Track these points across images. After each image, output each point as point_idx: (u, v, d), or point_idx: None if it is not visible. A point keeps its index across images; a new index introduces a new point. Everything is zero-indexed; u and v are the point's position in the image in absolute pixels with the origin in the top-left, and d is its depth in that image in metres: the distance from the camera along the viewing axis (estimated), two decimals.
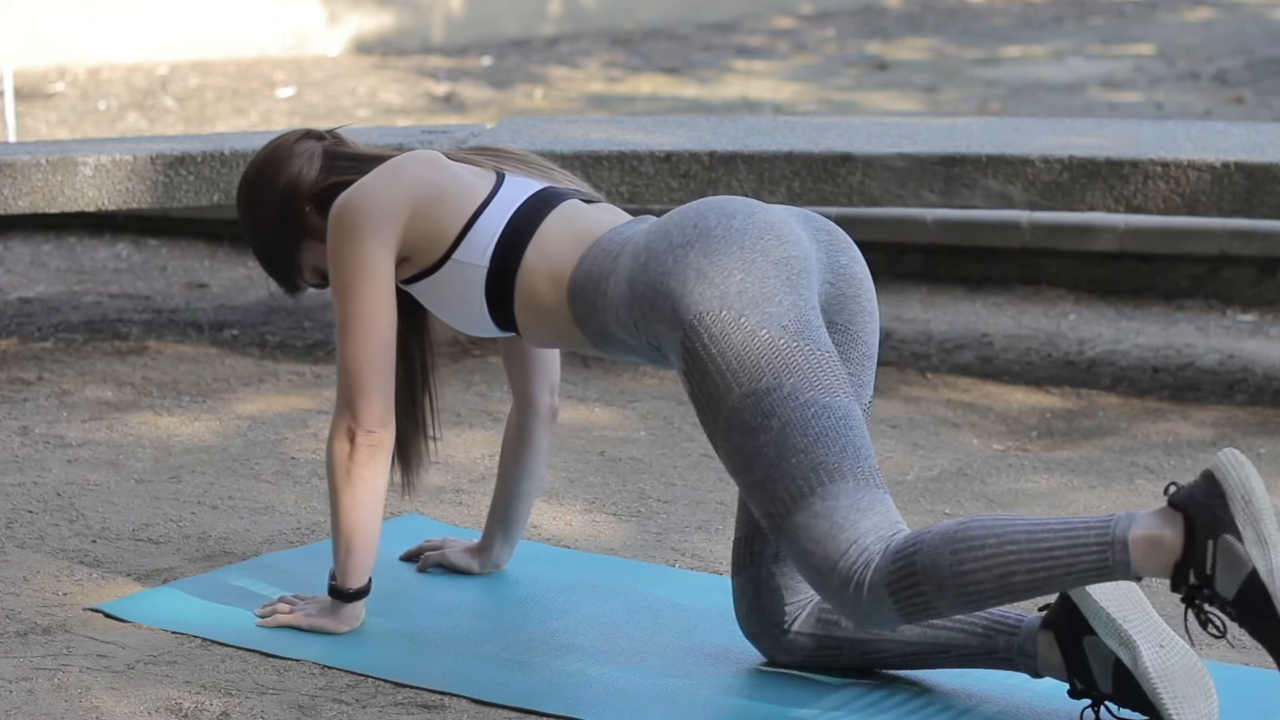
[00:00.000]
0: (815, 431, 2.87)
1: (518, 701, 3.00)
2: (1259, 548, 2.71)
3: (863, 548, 2.85)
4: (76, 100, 9.33)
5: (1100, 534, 2.76)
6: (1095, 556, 2.75)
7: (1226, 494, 2.73)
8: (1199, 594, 2.76)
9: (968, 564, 2.80)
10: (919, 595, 2.83)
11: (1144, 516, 2.77)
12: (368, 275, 3.18)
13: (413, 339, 3.39)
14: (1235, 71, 10.20)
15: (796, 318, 2.94)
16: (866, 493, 2.88)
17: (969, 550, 2.80)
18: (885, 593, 2.84)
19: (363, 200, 3.21)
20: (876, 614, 2.88)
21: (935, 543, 2.82)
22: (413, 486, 3.47)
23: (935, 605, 2.83)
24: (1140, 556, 2.75)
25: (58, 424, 4.46)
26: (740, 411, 2.90)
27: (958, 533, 2.82)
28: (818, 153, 4.76)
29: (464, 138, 5.01)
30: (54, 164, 4.79)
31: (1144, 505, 4.05)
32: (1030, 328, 5.58)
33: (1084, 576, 2.78)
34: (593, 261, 3.13)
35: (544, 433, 3.53)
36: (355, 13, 11.47)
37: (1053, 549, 2.77)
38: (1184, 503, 2.76)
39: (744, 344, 2.91)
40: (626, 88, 10.06)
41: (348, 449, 3.19)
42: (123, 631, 3.25)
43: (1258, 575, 2.71)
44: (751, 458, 2.91)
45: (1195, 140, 4.85)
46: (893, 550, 2.84)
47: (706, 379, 2.93)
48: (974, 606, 2.84)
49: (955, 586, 2.81)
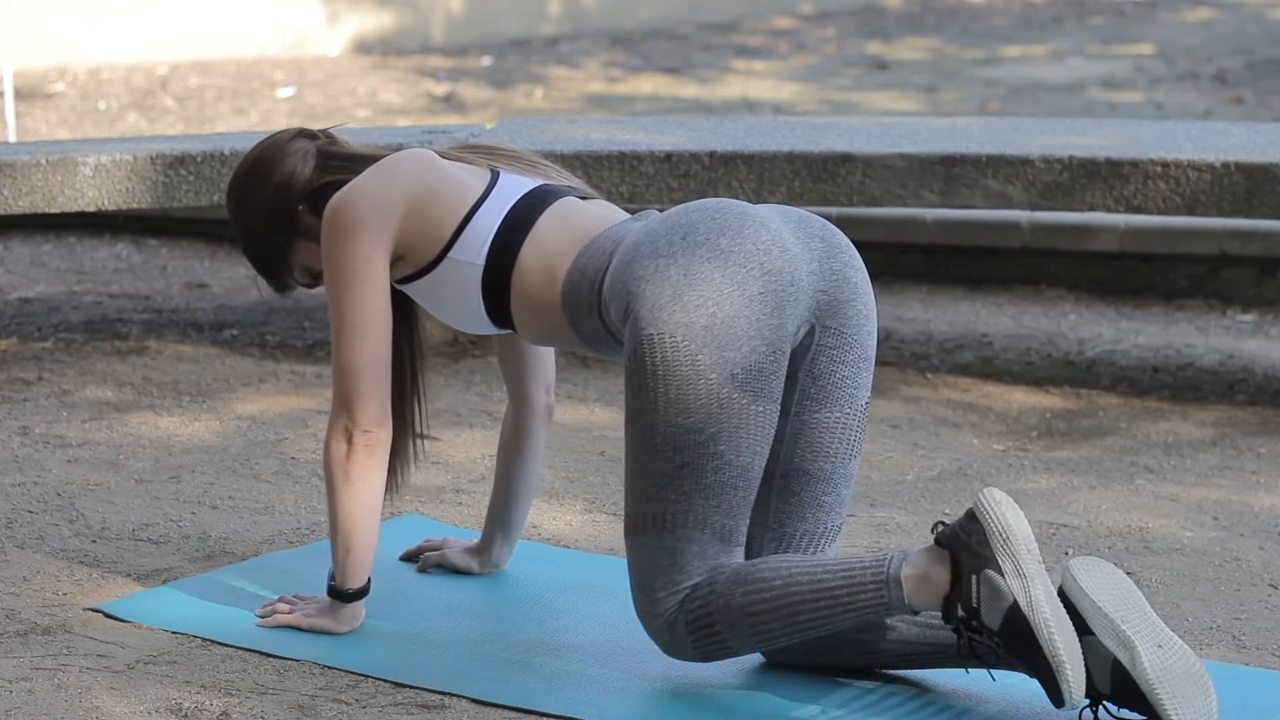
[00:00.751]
0: (705, 483, 2.99)
1: (518, 701, 3.00)
2: (1018, 580, 2.85)
3: (684, 590, 3.01)
4: (76, 100, 9.33)
5: (875, 573, 2.93)
6: (872, 594, 2.93)
7: (986, 531, 2.88)
8: (968, 625, 2.90)
9: (756, 605, 2.97)
10: (714, 636, 3.01)
11: (915, 555, 2.93)
12: (363, 276, 3.18)
13: (403, 338, 3.39)
14: (1235, 71, 10.20)
15: (750, 366, 2.97)
16: (717, 548, 3.02)
17: (758, 593, 2.97)
18: (685, 631, 3.02)
19: (357, 200, 3.21)
20: (676, 648, 3.06)
21: (728, 585, 2.99)
22: (399, 486, 3.47)
23: (730, 644, 3.02)
24: (912, 592, 2.92)
25: (58, 424, 4.47)
26: (655, 430, 2.98)
27: (748, 575, 2.99)
28: (818, 153, 4.76)
29: (464, 138, 5.01)
30: (54, 164, 4.79)
31: (1144, 505, 4.05)
32: (1030, 328, 5.58)
33: (863, 613, 2.95)
34: (588, 260, 3.13)
35: (541, 431, 3.53)
36: (355, 13, 11.47)
37: (834, 589, 2.94)
38: (949, 541, 2.92)
39: (689, 379, 2.96)
40: (626, 88, 10.06)
41: (345, 449, 3.19)
42: (123, 631, 3.25)
43: (1018, 607, 2.84)
44: (644, 469, 3.01)
45: (1195, 140, 4.85)
46: (698, 592, 3.01)
47: (643, 389, 2.99)
48: (767, 644, 3.02)
49: (747, 625, 2.98)
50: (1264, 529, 3.92)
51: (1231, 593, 3.56)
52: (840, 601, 2.94)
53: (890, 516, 3.94)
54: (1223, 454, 4.42)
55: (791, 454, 3.09)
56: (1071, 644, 2.82)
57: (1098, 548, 3.78)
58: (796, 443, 3.09)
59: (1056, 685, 2.83)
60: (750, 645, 3.02)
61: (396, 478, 3.44)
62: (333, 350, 3.21)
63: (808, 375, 3.07)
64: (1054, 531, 3.86)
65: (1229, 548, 3.79)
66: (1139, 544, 3.81)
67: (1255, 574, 3.66)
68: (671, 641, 3.04)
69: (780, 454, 3.09)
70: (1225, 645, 3.31)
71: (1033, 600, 2.83)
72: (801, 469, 3.09)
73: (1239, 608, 3.49)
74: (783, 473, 3.09)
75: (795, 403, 3.08)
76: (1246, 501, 4.08)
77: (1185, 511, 4.01)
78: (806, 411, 3.08)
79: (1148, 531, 3.88)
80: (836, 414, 3.09)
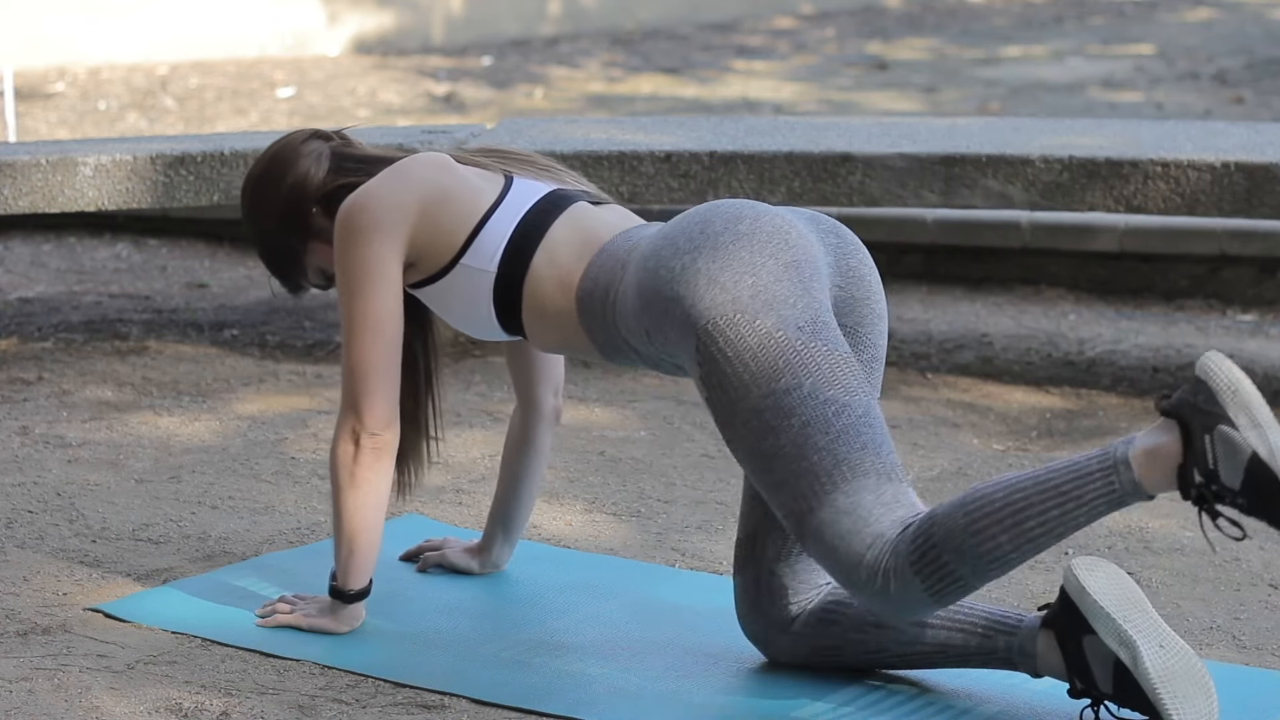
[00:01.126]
0: (836, 429, 2.87)
1: (518, 701, 3.00)
2: (1255, 431, 2.73)
3: (886, 539, 2.86)
4: (76, 100, 9.33)
5: (1102, 461, 2.78)
6: (1101, 483, 2.78)
7: (1214, 389, 2.75)
8: (1207, 492, 2.77)
9: (981, 522, 2.81)
10: (943, 568, 2.83)
11: (1141, 435, 2.80)
12: (375, 277, 3.17)
13: (416, 340, 3.38)
14: (1235, 71, 10.20)
15: (812, 318, 2.93)
16: (890, 487, 2.88)
17: (980, 509, 2.81)
18: (911, 574, 2.84)
19: (371, 202, 3.20)
20: (908, 600, 2.87)
21: (948, 511, 2.83)
22: (411, 488, 3.47)
23: (960, 574, 2.83)
24: (1144, 470, 2.77)
25: (58, 424, 4.47)
26: (760, 412, 2.89)
27: (967, 496, 2.84)
28: (818, 153, 4.76)
29: (464, 138, 5.01)
30: (54, 164, 4.79)
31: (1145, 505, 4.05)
32: (1030, 328, 5.58)
33: (1094, 507, 2.79)
34: (600, 269, 3.11)
35: (547, 434, 3.53)
36: (355, 13, 11.47)
37: (1060, 485, 2.79)
38: (1175, 408, 2.79)
39: (760, 346, 2.90)
40: (626, 88, 10.06)
41: (352, 451, 3.19)
42: (123, 631, 3.25)
43: (1259, 458, 2.72)
44: (772, 457, 2.90)
45: (1195, 140, 4.85)
46: (910, 532, 2.85)
47: (724, 382, 2.92)
48: (998, 566, 2.83)
49: (974, 548, 2.81)
50: (1264, 529, 3.91)
51: (1231, 593, 3.56)
52: (1069, 497, 2.79)
53: None
54: None
55: None
56: None
57: (1098, 548, 3.78)
58: None
59: None
60: (982, 569, 2.82)
61: (409, 478, 3.44)
62: (343, 351, 3.20)
63: None
64: None
65: (1229, 548, 3.79)
66: (1139, 544, 3.81)
67: (1255, 574, 3.66)
68: (900, 594, 2.86)
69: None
70: (1225, 645, 3.31)
71: (1275, 448, 2.71)
72: None
73: (1239, 608, 3.49)
74: None
75: None
76: None
77: (1185, 511, 4.01)
78: None
79: (1148, 531, 3.88)
80: None
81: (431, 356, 3.43)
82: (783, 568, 3.12)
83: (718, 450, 4.37)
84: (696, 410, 4.68)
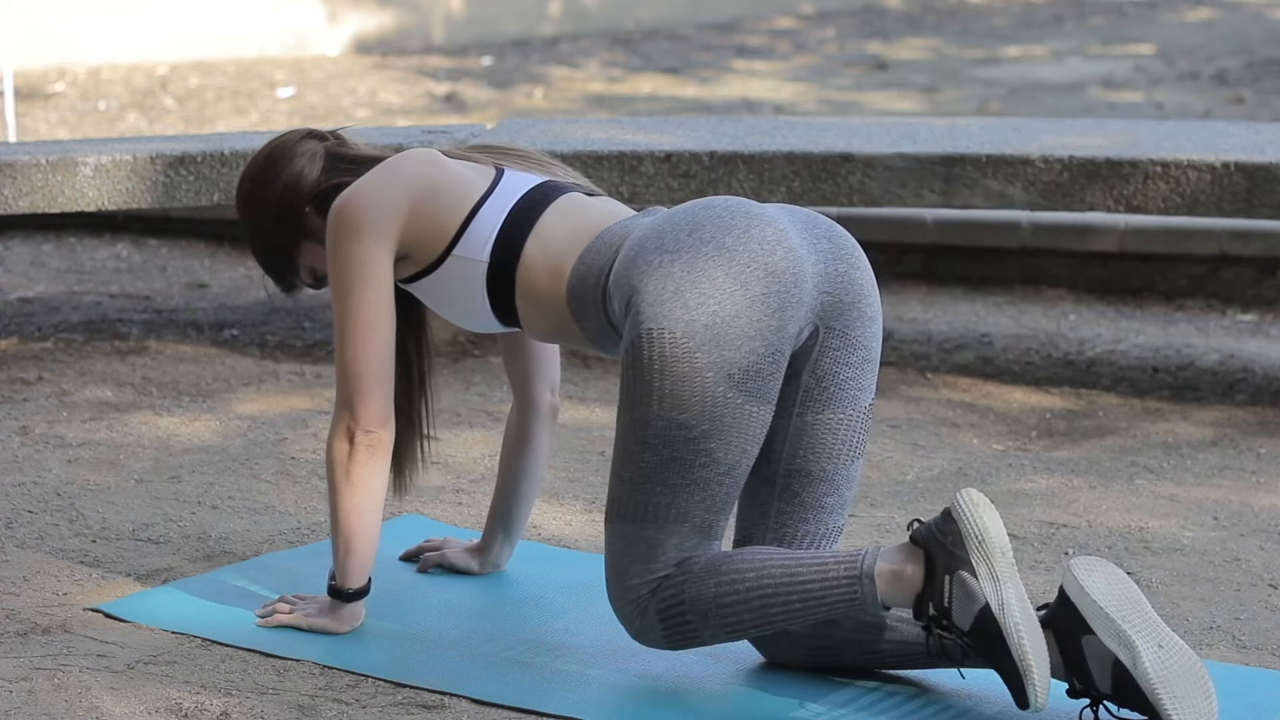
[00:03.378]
0: (692, 478, 2.99)
1: (518, 701, 3.00)
2: (991, 584, 2.86)
3: (658, 579, 3.02)
4: (76, 100, 9.33)
5: (849, 569, 2.94)
6: (845, 589, 2.94)
7: (962, 533, 2.89)
8: (938, 624, 2.92)
9: (729, 596, 2.98)
10: (685, 624, 3.02)
11: (889, 552, 2.94)
12: (367, 276, 3.18)
13: (410, 339, 3.39)
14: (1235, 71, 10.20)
15: (747, 367, 2.97)
16: (696, 539, 3.02)
17: (731, 583, 2.98)
18: (656, 622, 3.03)
19: (360, 201, 3.21)
20: (646, 636, 3.06)
21: (701, 573, 3.00)
22: (406, 488, 3.47)
23: (700, 633, 3.02)
24: (885, 588, 2.93)
25: (58, 424, 4.47)
26: (647, 424, 2.98)
27: (722, 564, 3.00)
28: (818, 153, 4.76)
29: (464, 138, 5.01)
30: (54, 164, 4.79)
31: (1144, 505, 4.05)
32: (1030, 328, 5.58)
33: (834, 608, 2.96)
34: (594, 256, 3.12)
35: (545, 432, 3.53)
36: (355, 13, 11.47)
37: (807, 583, 2.95)
38: (925, 540, 2.93)
39: (685, 376, 2.96)
40: (626, 88, 10.06)
41: (347, 449, 3.19)
42: (123, 631, 3.25)
43: (989, 609, 2.85)
44: (632, 459, 3.01)
45: (1195, 140, 4.85)
46: (664, 586, 3.01)
47: (638, 382, 2.99)
48: (737, 634, 3.02)
49: (718, 615, 3.00)
50: (1264, 529, 3.92)
51: (1231, 593, 3.56)
52: (813, 595, 2.95)
53: (890, 516, 3.94)
54: (1223, 454, 4.42)
55: (794, 455, 3.09)
56: (1040, 649, 2.84)
57: (1098, 548, 3.78)
58: (799, 444, 3.08)
59: (1023, 689, 2.84)
60: (720, 635, 3.02)
61: (405, 478, 3.45)
62: (336, 350, 3.20)
63: (811, 376, 3.07)
64: (1054, 531, 3.86)
65: (1229, 548, 3.79)
66: (1139, 544, 3.81)
67: (1255, 574, 3.66)
68: (642, 628, 3.05)
69: (783, 455, 3.09)
70: (1225, 645, 3.31)
71: (1004, 603, 2.85)
72: (804, 470, 3.09)
73: (1239, 608, 3.49)
74: (785, 473, 3.09)
75: (798, 404, 3.08)
76: (1246, 501, 4.08)
77: (1185, 511, 4.01)
78: (809, 413, 3.08)
79: (1148, 531, 3.88)
80: (839, 415, 3.08)
81: (425, 356, 3.43)
82: None
83: None
84: None
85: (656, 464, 2.98)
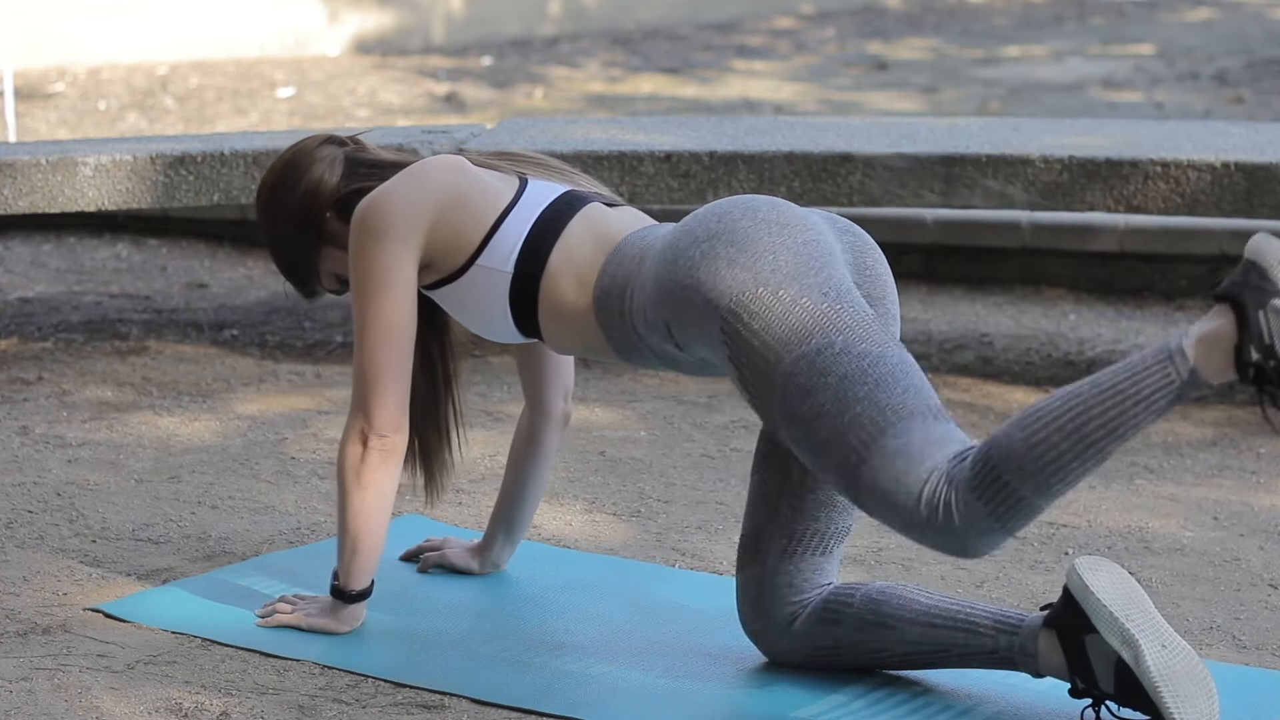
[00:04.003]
0: (874, 378, 2.85)
1: (518, 701, 3.00)
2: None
3: (941, 472, 2.82)
4: (76, 100, 9.33)
5: (1158, 354, 2.74)
6: (1159, 375, 2.73)
7: (1264, 266, 2.71)
8: (1266, 367, 2.72)
9: (1040, 433, 2.77)
10: (1005, 488, 2.78)
11: (1195, 325, 2.76)
12: (390, 280, 3.17)
13: (433, 343, 3.37)
14: (1235, 71, 10.20)
15: (835, 285, 2.92)
16: (937, 425, 2.85)
17: (1037, 420, 2.78)
18: (974, 501, 2.79)
19: (387, 204, 3.20)
20: (974, 530, 2.81)
21: (1006, 431, 2.80)
22: (438, 493, 3.47)
23: (1023, 494, 2.78)
24: (1200, 356, 2.73)
25: (58, 424, 4.47)
26: (794, 376, 2.88)
27: (1024, 413, 2.81)
28: (818, 153, 4.76)
29: (464, 138, 5.01)
30: (54, 164, 4.79)
31: (1144, 505, 4.05)
32: (1030, 328, 5.58)
33: (1153, 401, 2.74)
34: (618, 266, 3.11)
35: (555, 438, 3.52)
36: (355, 13, 11.47)
37: (1117, 385, 2.75)
38: (1227, 290, 2.74)
39: (786, 312, 2.89)
40: (626, 88, 10.07)
41: (360, 452, 3.19)
42: (123, 631, 3.25)
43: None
44: (814, 419, 2.87)
45: (1195, 140, 4.85)
46: (969, 460, 2.82)
47: (754, 356, 2.91)
48: (1060, 478, 2.78)
49: (1035, 461, 2.77)
50: (1264, 529, 3.92)
51: (1231, 593, 3.56)
52: (1127, 395, 2.73)
53: None
54: (1223, 454, 4.42)
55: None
56: None
57: (1098, 548, 3.78)
58: None
59: None
60: (1043, 484, 2.77)
61: (436, 481, 3.45)
62: (355, 353, 3.20)
63: None
64: (1054, 531, 3.86)
65: (1229, 548, 3.79)
66: (1139, 544, 3.81)
67: (1255, 574, 3.66)
68: (966, 525, 2.80)
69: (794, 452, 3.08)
70: (1225, 645, 3.31)
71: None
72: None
73: (1239, 608, 3.49)
74: (798, 470, 3.08)
75: None
76: (1246, 501, 4.08)
77: (1185, 511, 4.01)
78: None
79: (1148, 531, 3.88)
80: None
81: (449, 360, 3.42)
82: (786, 566, 3.12)
83: (717, 450, 4.37)
84: (696, 410, 4.68)
85: (835, 394, 2.85)
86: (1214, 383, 2.75)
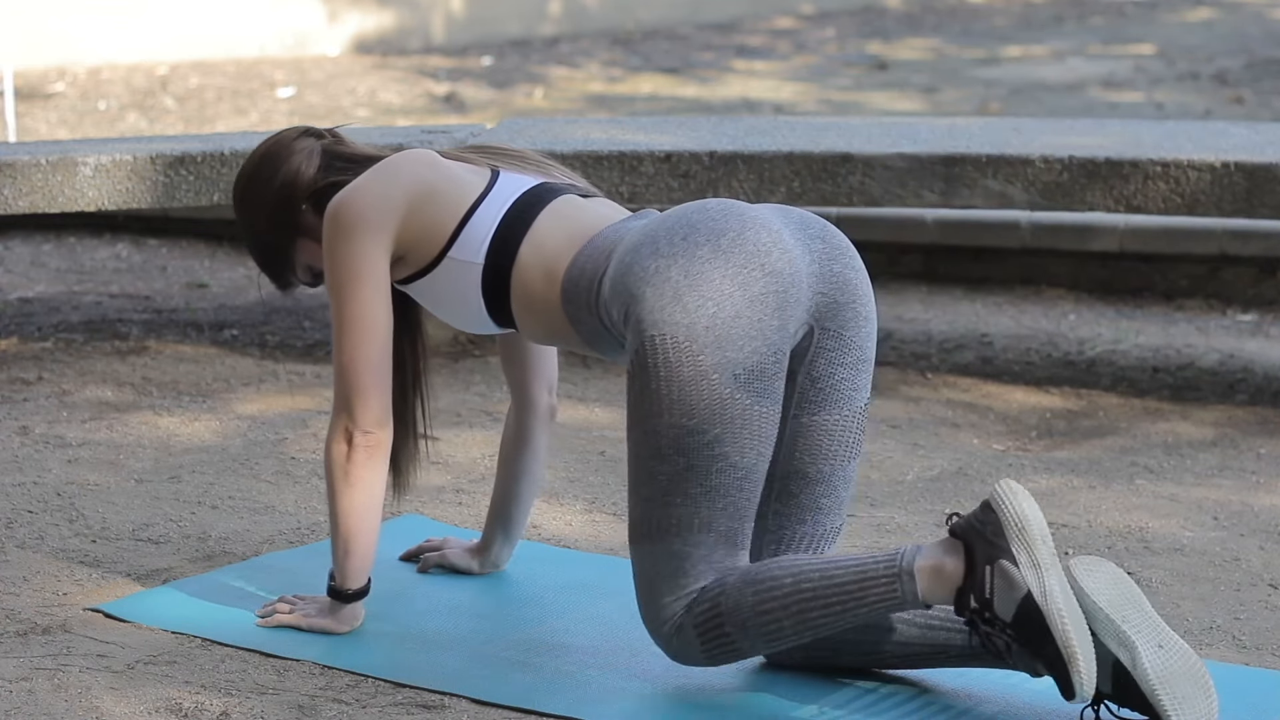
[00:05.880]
0: (711, 485, 2.96)
1: (518, 701, 3.00)
2: (1033, 571, 2.83)
3: (691, 594, 2.99)
4: (76, 100, 9.33)
5: (888, 567, 2.90)
6: (884, 588, 2.90)
7: (1002, 521, 2.85)
8: (980, 617, 2.87)
9: (768, 604, 2.95)
10: (724, 638, 2.98)
11: (928, 548, 2.91)
12: (363, 275, 3.18)
13: (404, 340, 3.38)
14: (1235, 71, 10.20)
15: (752, 366, 2.96)
16: (723, 551, 2.99)
17: (769, 591, 2.95)
18: (694, 636, 2.99)
19: (358, 200, 3.20)
20: (685, 654, 3.02)
21: (737, 584, 2.96)
22: (405, 487, 3.47)
23: (738, 645, 2.98)
24: (926, 585, 2.89)
25: (58, 424, 4.47)
26: (659, 435, 2.96)
27: (757, 574, 2.96)
28: (818, 153, 4.76)
29: (464, 138, 5.01)
30: (54, 164, 4.79)
31: (1144, 505, 4.05)
32: (1030, 328, 5.58)
33: (875, 608, 2.92)
34: (588, 259, 3.12)
35: (543, 432, 3.53)
36: (355, 13, 11.48)
37: (845, 584, 2.91)
38: (963, 532, 2.90)
39: (691, 380, 2.94)
40: (626, 88, 10.07)
41: (345, 450, 3.19)
42: (123, 631, 3.25)
43: (1032, 597, 2.82)
44: (649, 476, 2.98)
45: (1195, 140, 4.85)
46: (700, 598, 2.98)
47: (646, 393, 2.97)
48: (778, 643, 2.98)
49: (759, 627, 2.96)
50: (1264, 529, 3.92)
51: (1231, 593, 3.56)
52: (852, 596, 2.91)
53: (890, 516, 3.94)
54: (1223, 454, 4.42)
55: (790, 456, 3.09)
56: (1084, 636, 2.80)
57: (1098, 548, 3.78)
58: (795, 445, 3.08)
59: (1068, 677, 2.80)
60: (760, 645, 2.99)
61: (404, 478, 3.44)
62: (333, 350, 3.20)
63: (806, 377, 3.07)
64: (1054, 531, 3.86)
65: (1229, 548, 3.79)
66: (1139, 544, 3.81)
67: (1255, 574, 3.66)
68: (679, 647, 3.02)
69: (779, 457, 3.09)
70: (1225, 645, 3.31)
71: (1047, 590, 2.81)
72: (800, 471, 3.09)
73: (1239, 608, 3.49)
74: (781, 475, 3.09)
75: (794, 405, 3.08)
76: (1246, 501, 4.08)
77: (1185, 511, 4.01)
78: (805, 414, 3.08)
79: (1148, 531, 3.88)
80: (835, 416, 3.08)
81: (420, 356, 3.43)
82: None
83: None
84: None
85: (674, 475, 2.96)
86: (934, 606, 2.93)
